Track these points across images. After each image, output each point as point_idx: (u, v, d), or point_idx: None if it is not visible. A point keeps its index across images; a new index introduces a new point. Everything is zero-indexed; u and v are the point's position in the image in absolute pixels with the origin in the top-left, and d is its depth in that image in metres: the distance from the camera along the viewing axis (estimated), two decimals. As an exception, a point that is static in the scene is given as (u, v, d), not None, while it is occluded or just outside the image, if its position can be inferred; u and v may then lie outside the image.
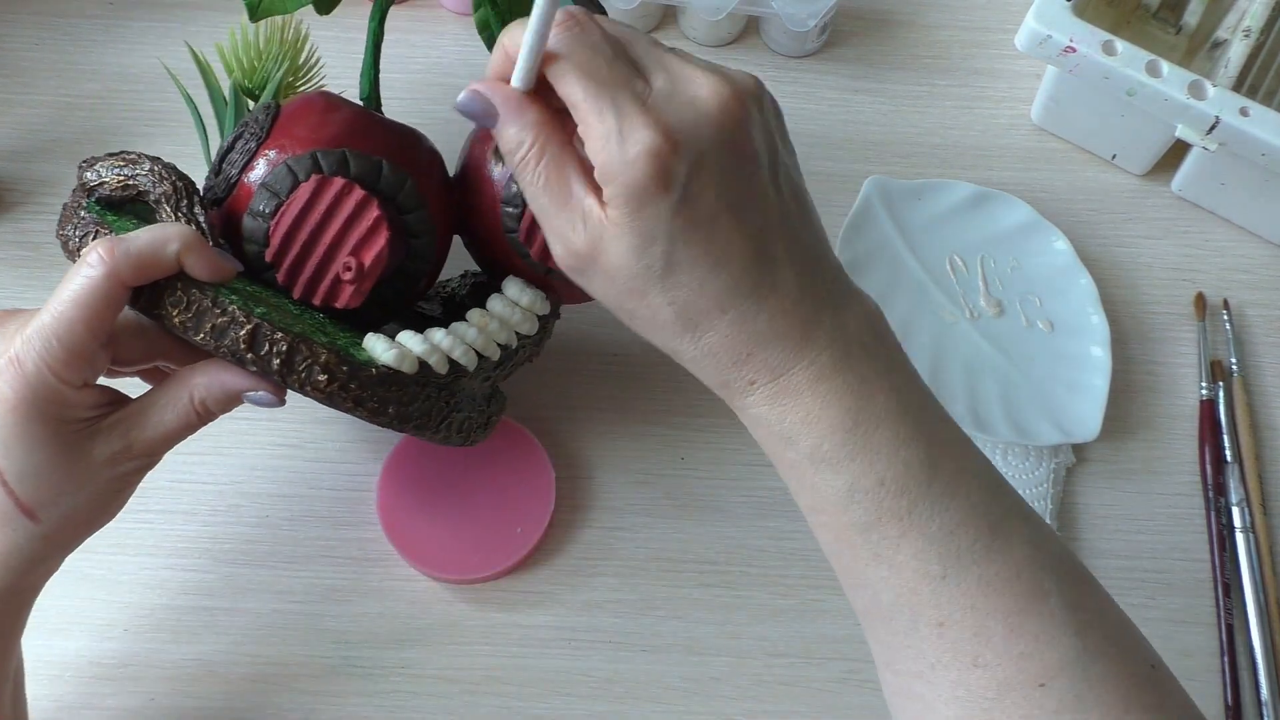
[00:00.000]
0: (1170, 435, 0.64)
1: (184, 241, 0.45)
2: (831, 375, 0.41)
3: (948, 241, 0.68)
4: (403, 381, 0.48)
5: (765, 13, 0.71)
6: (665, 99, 0.39)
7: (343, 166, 0.50)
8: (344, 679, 0.56)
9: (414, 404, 0.48)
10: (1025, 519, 0.42)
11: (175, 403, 0.45)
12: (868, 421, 0.40)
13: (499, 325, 0.52)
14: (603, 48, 0.40)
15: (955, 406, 0.62)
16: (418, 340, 0.49)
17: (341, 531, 0.59)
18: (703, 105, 0.39)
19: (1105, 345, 0.64)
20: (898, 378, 0.42)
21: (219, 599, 0.58)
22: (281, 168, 0.50)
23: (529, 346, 0.54)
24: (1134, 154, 0.70)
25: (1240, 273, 0.69)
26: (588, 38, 0.40)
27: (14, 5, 0.73)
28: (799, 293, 0.41)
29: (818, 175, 0.71)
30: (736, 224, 0.40)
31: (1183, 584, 0.61)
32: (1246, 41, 0.68)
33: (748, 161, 0.40)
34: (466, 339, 0.51)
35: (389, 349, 0.48)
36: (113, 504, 0.47)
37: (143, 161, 0.50)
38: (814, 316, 0.41)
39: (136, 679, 0.56)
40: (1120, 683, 0.39)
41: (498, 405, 0.56)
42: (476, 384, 0.52)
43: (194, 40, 0.72)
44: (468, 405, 0.52)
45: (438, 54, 0.73)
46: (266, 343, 0.45)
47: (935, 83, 0.74)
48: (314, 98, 0.53)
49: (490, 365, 0.52)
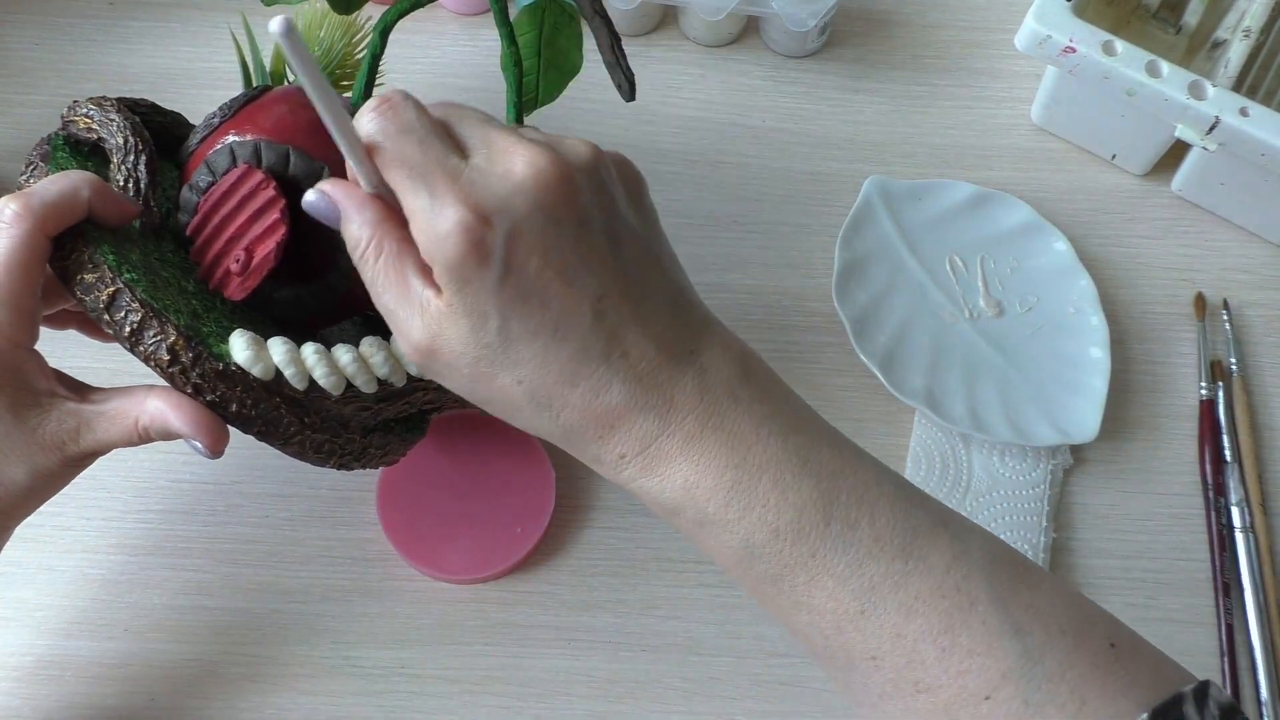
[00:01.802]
0: (1170, 435, 0.65)
1: (92, 187, 0.46)
2: (701, 436, 0.39)
3: (948, 242, 0.68)
4: (250, 384, 0.47)
5: (765, 13, 0.71)
6: (479, 174, 0.39)
7: (281, 162, 0.50)
8: (344, 679, 0.56)
9: (258, 409, 0.47)
10: (943, 526, 0.40)
11: (123, 419, 0.46)
12: (749, 475, 0.39)
13: (385, 359, 0.50)
14: (415, 128, 0.39)
15: (954, 406, 0.62)
16: (281, 349, 0.48)
17: (341, 531, 0.59)
18: (516, 177, 0.39)
19: (1104, 346, 0.64)
20: (774, 419, 0.40)
21: (219, 599, 0.58)
22: (225, 148, 0.50)
23: (431, 391, 0.52)
24: (1134, 154, 0.70)
25: (1240, 273, 0.69)
26: (399, 119, 0.39)
27: (14, 5, 0.73)
28: (654, 353, 0.40)
29: (818, 175, 0.71)
30: (568, 289, 0.39)
31: (1183, 584, 0.61)
32: (1246, 41, 0.68)
33: (573, 225, 0.39)
34: (339, 363, 0.49)
35: (246, 349, 0.47)
36: (44, 490, 0.47)
37: (109, 110, 0.52)
38: (672, 376, 0.40)
39: (136, 679, 0.56)
40: (1073, 674, 0.37)
41: (399, 439, 0.54)
42: (350, 411, 0.50)
43: (193, 40, 0.72)
44: (333, 429, 0.50)
45: (438, 54, 0.73)
46: (124, 309, 0.46)
47: (935, 83, 0.74)
48: (298, 93, 0.53)
49: (370, 397, 0.50)
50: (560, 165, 0.39)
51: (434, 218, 0.38)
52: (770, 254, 0.68)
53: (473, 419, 0.60)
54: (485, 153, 0.39)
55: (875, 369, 0.62)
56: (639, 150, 0.70)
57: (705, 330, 0.42)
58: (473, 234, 0.38)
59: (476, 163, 0.39)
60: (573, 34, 0.58)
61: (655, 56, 0.74)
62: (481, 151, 0.40)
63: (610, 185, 0.41)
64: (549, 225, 0.39)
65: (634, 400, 0.39)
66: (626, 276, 0.40)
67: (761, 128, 0.72)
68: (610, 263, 0.40)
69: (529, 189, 0.38)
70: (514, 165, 0.39)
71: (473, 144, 0.40)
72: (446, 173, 0.39)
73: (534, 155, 0.39)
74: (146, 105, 0.56)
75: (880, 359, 0.63)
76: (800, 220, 0.69)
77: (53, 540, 0.58)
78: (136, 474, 0.60)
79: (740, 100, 0.73)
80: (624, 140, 0.71)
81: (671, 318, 0.41)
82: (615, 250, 0.40)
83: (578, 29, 0.59)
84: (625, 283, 0.40)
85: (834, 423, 0.63)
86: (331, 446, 0.50)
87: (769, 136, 0.72)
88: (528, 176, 0.38)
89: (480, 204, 0.38)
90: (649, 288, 0.41)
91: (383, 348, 0.50)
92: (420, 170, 0.39)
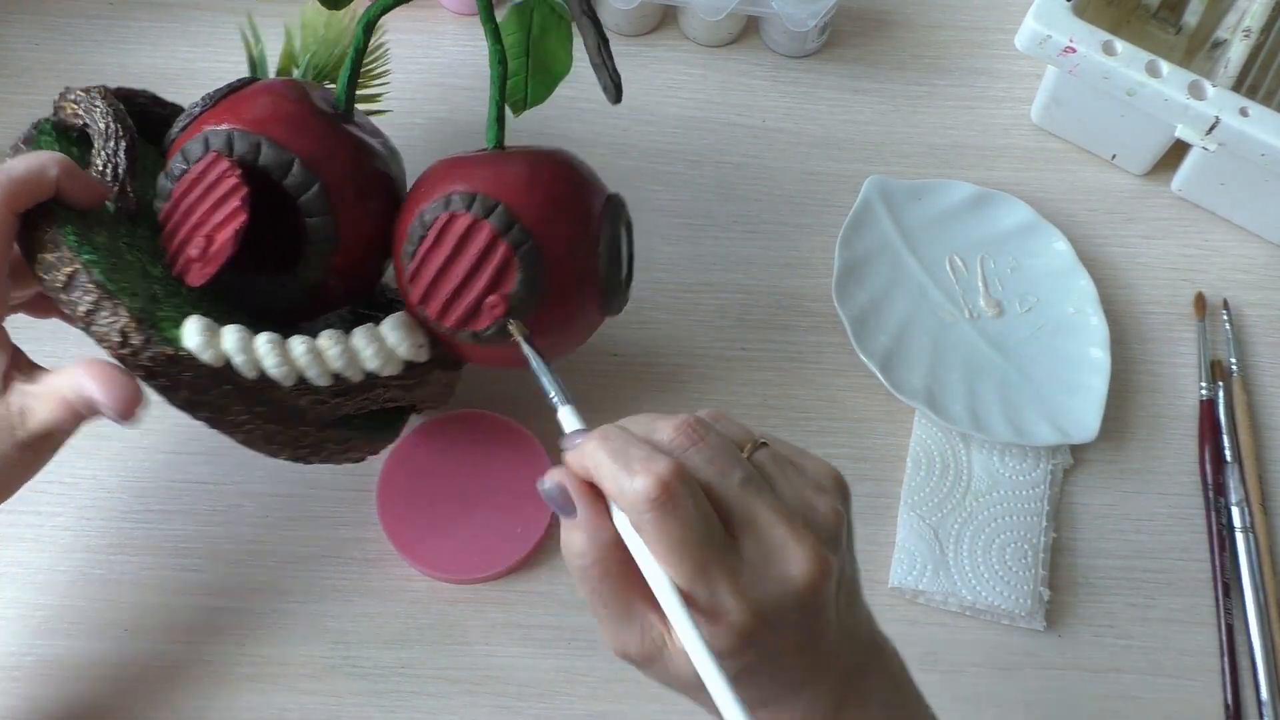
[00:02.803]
0: (1170, 435, 0.64)
1: (60, 166, 0.47)
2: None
3: (948, 242, 0.68)
4: (200, 370, 0.48)
5: (765, 13, 0.71)
6: (757, 576, 0.39)
7: (253, 151, 0.50)
8: (344, 679, 0.56)
9: (208, 395, 0.48)
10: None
11: (57, 396, 0.46)
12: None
13: (341, 353, 0.50)
14: (696, 524, 0.39)
15: (954, 406, 0.62)
16: (234, 337, 0.48)
17: (341, 531, 0.59)
18: (792, 584, 0.39)
19: (1104, 347, 0.64)
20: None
21: (219, 599, 0.58)
22: (200, 137, 0.51)
23: (394, 389, 0.53)
24: (1134, 154, 0.70)
25: (1240, 273, 0.69)
26: (680, 514, 0.39)
27: (14, 5, 0.73)
28: (839, 683, 0.42)
29: (818, 175, 0.71)
30: (798, 660, 0.41)
31: (1183, 584, 0.61)
32: (1246, 41, 0.67)
33: (821, 615, 0.41)
34: (291, 354, 0.49)
35: (197, 335, 0.48)
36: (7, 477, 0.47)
37: (95, 97, 0.53)
38: (844, 699, 0.42)
39: (136, 679, 0.56)
40: None
41: (364, 437, 0.55)
42: (305, 403, 0.51)
43: (193, 40, 0.72)
44: (286, 420, 0.50)
45: (438, 54, 0.73)
46: (80, 289, 0.47)
47: (935, 83, 0.74)
48: (281, 85, 0.53)
49: (326, 390, 0.51)
50: (825, 563, 0.40)
51: (713, 622, 0.39)
52: (770, 254, 0.68)
53: (472, 419, 0.60)
54: (755, 543, 0.40)
55: (875, 369, 0.62)
56: (639, 150, 0.71)
57: (871, 641, 0.44)
58: (747, 637, 0.39)
59: (751, 558, 0.40)
60: (562, 34, 0.58)
61: (655, 56, 0.74)
62: (750, 538, 0.40)
63: (845, 538, 0.43)
64: (808, 618, 0.40)
65: (813, 715, 0.42)
66: (840, 626, 0.42)
67: (761, 128, 0.72)
68: (833, 623, 0.41)
69: (800, 593, 0.39)
70: (789, 569, 0.39)
71: (741, 524, 0.40)
72: (726, 571, 0.39)
73: (804, 555, 0.40)
74: (146, 96, 0.57)
75: (880, 359, 0.63)
76: (800, 220, 0.69)
77: (53, 540, 0.58)
78: (136, 474, 0.60)
79: (740, 100, 0.73)
80: (624, 140, 0.71)
81: (853, 638, 0.43)
82: (836, 608, 0.42)
83: (567, 29, 0.58)
84: (839, 634, 0.42)
85: (834, 423, 0.64)
86: (285, 438, 0.50)
87: (769, 136, 0.72)
88: (800, 580, 0.39)
89: (759, 609, 0.39)
90: (850, 621, 0.43)
91: (340, 341, 0.50)
92: (699, 564, 0.39)
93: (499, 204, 0.50)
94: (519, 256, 0.50)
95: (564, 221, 0.51)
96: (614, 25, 0.74)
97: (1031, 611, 0.59)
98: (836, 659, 0.42)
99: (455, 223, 0.50)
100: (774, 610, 0.39)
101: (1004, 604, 0.59)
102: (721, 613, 0.39)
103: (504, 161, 0.52)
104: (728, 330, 0.66)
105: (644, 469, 0.39)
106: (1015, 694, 0.58)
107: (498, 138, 0.54)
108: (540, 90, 0.59)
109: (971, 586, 0.59)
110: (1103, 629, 0.60)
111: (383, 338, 0.52)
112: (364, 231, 0.53)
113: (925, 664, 0.58)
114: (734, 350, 0.65)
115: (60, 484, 0.59)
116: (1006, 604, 0.59)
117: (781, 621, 0.40)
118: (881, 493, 0.62)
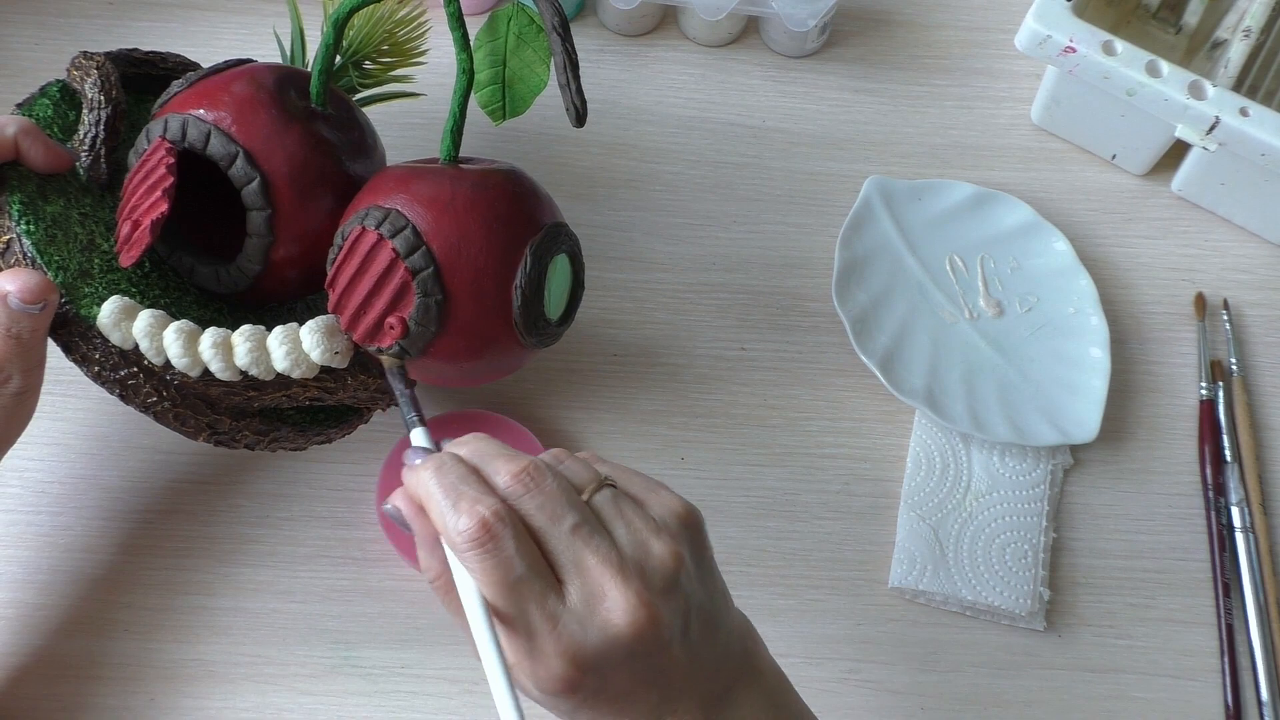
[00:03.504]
0: (1170, 435, 0.65)
1: (20, 126, 0.50)
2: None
3: (948, 242, 0.68)
4: (110, 350, 0.50)
5: (765, 13, 0.71)
6: (577, 623, 0.40)
7: (202, 140, 0.51)
8: (344, 679, 0.56)
9: (118, 375, 0.50)
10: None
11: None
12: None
13: (249, 351, 0.51)
14: (515, 565, 0.40)
15: (954, 406, 0.62)
16: (144, 322, 0.50)
17: (341, 531, 0.59)
18: (613, 630, 0.40)
19: (1104, 347, 0.64)
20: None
21: (219, 599, 0.58)
22: (161, 120, 0.52)
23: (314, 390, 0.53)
24: (1134, 154, 0.70)
25: (1240, 273, 0.69)
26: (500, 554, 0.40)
27: (14, 5, 0.73)
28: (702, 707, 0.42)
29: (818, 175, 0.71)
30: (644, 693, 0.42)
31: (1183, 584, 0.61)
32: (1246, 41, 0.68)
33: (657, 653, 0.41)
34: (199, 345, 0.50)
35: (108, 316, 0.50)
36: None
37: (90, 65, 0.55)
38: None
39: (136, 679, 0.56)
40: None
41: (295, 430, 0.55)
42: (217, 393, 0.51)
43: (193, 40, 0.72)
44: (196, 406, 0.51)
45: (438, 55, 0.73)
46: (12, 257, 0.50)
47: (935, 83, 0.74)
48: (257, 74, 0.53)
49: (238, 385, 0.51)
50: (652, 610, 0.40)
51: (534, 665, 0.40)
52: (770, 254, 0.68)
53: (472, 418, 0.60)
54: (580, 589, 0.40)
55: (875, 369, 0.62)
56: (639, 150, 0.71)
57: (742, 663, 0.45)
58: (570, 685, 0.40)
59: (573, 605, 0.40)
60: (540, 47, 0.55)
61: (655, 56, 0.74)
62: (575, 584, 0.40)
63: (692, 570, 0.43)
64: (637, 661, 0.41)
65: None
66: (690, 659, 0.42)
67: (761, 128, 0.72)
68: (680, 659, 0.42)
69: (625, 641, 0.40)
70: (611, 616, 0.40)
71: (566, 570, 0.41)
72: (545, 617, 0.40)
73: (629, 604, 0.40)
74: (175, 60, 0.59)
75: (880, 359, 0.63)
76: (800, 220, 0.69)
77: (53, 540, 0.58)
78: (137, 474, 0.60)
79: (740, 100, 0.73)
80: (624, 140, 0.71)
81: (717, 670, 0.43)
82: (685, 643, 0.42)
83: (545, 42, 0.55)
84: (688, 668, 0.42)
85: (834, 423, 0.64)
86: (196, 423, 0.52)
87: (769, 136, 0.72)
88: (624, 630, 0.40)
89: (579, 657, 0.40)
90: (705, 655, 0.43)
91: (252, 338, 0.51)
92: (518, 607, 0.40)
93: (409, 225, 0.49)
94: (417, 281, 0.49)
95: (476, 250, 0.49)
96: (614, 25, 0.74)
97: (1031, 611, 0.59)
98: (694, 684, 0.42)
99: (363, 239, 0.50)
100: (596, 658, 0.40)
101: (1004, 604, 0.59)
102: (540, 658, 0.40)
103: (432, 180, 0.51)
104: (728, 330, 0.66)
105: (469, 509, 0.40)
106: (1015, 694, 0.58)
107: (450, 151, 0.53)
108: (518, 102, 0.56)
109: (971, 587, 0.59)
110: (1103, 629, 0.60)
111: (299, 340, 0.51)
112: (308, 228, 0.53)
113: (925, 664, 0.58)
114: (734, 350, 0.65)
115: (60, 484, 0.59)
116: (1006, 604, 0.59)
117: (610, 666, 0.40)
118: (881, 493, 0.62)
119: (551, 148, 0.70)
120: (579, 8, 0.75)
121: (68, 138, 0.55)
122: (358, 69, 0.62)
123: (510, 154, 0.69)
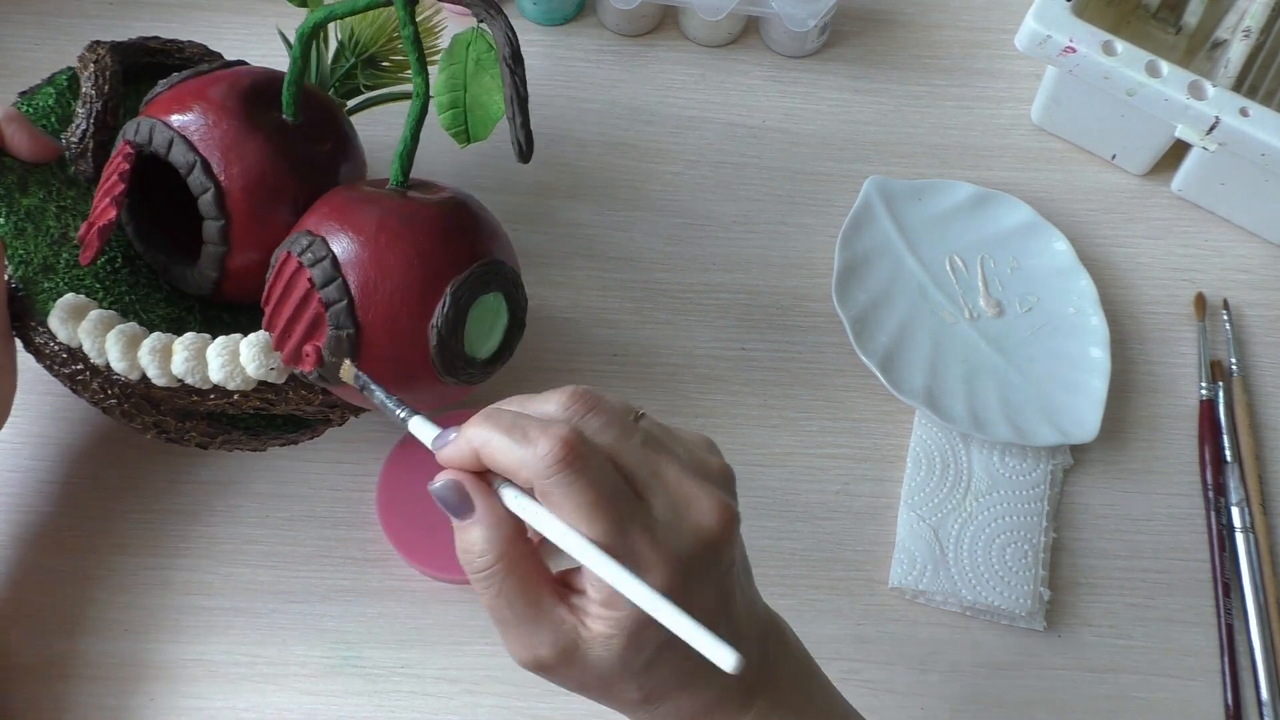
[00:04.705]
0: (1170, 435, 0.65)
1: (4, 114, 0.51)
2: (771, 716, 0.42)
3: (948, 242, 0.68)
4: (57, 346, 0.51)
5: (765, 13, 0.71)
6: (671, 531, 0.39)
7: (165, 146, 0.52)
8: (344, 679, 0.56)
9: (66, 369, 0.51)
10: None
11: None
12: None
13: (186, 359, 0.51)
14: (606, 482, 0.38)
15: (954, 406, 0.62)
16: (91, 321, 0.51)
17: (341, 531, 0.59)
18: (706, 533, 0.40)
19: (1104, 347, 0.64)
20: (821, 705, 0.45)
21: (219, 599, 0.58)
22: (134, 122, 0.53)
23: (255, 400, 0.53)
24: (1134, 154, 0.70)
25: (1240, 273, 0.69)
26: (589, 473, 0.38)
27: (14, 5, 0.73)
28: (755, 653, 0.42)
29: (818, 175, 0.71)
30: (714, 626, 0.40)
31: (1183, 584, 0.61)
32: (1246, 41, 0.68)
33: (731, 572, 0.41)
34: (139, 350, 0.51)
35: (56, 314, 0.51)
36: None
37: (90, 59, 0.56)
38: (756, 680, 0.42)
39: (136, 679, 0.56)
40: None
41: (245, 433, 0.55)
42: (159, 394, 0.52)
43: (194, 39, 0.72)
44: (141, 405, 0.52)
45: (438, 54, 0.73)
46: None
47: (935, 83, 0.74)
48: (234, 80, 0.53)
49: (179, 389, 0.52)
50: (731, 511, 0.40)
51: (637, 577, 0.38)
52: (770, 254, 0.68)
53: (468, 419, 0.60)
54: (664, 499, 0.40)
55: (875, 369, 0.62)
56: (639, 150, 0.71)
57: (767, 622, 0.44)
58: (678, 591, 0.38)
59: (661, 514, 0.39)
60: (498, 74, 0.52)
61: (655, 56, 0.74)
62: (660, 496, 0.40)
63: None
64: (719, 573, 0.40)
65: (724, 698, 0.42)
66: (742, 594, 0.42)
67: (761, 128, 0.72)
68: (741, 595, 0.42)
69: (715, 542, 0.40)
70: (702, 519, 0.40)
71: (647, 483, 0.40)
72: (642, 527, 0.39)
73: (716, 507, 0.40)
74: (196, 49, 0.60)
75: (880, 359, 0.63)
76: (800, 220, 0.69)
77: (53, 540, 0.58)
78: (136, 474, 0.60)
79: (740, 100, 0.73)
80: (624, 140, 0.71)
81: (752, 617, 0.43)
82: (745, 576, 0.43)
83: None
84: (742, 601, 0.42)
85: (834, 423, 0.64)
86: (144, 421, 0.53)
87: (769, 136, 0.72)
88: (715, 529, 0.40)
89: (679, 562, 0.39)
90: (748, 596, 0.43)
91: (190, 347, 0.51)
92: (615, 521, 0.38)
93: (329, 255, 0.49)
94: (330, 314, 0.49)
95: (393, 286, 0.49)
96: (614, 25, 0.74)
97: (1031, 611, 0.59)
98: (746, 628, 0.42)
99: (287, 264, 0.50)
100: (691, 561, 0.39)
101: (1004, 604, 0.59)
102: (643, 569, 0.38)
103: (365, 209, 0.50)
104: (728, 330, 0.66)
105: (543, 435, 0.38)
106: (1015, 694, 0.58)
107: (399, 175, 0.52)
108: (478, 128, 0.54)
109: (971, 586, 0.59)
110: (1103, 629, 0.60)
111: (237, 353, 0.51)
112: (265, 238, 0.53)
113: (925, 664, 0.58)
114: (734, 350, 0.65)
115: (60, 484, 0.59)
116: (1006, 604, 0.59)
117: (698, 577, 0.39)
118: (881, 493, 0.62)
119: (551, 148, 0.70)
120: (579, 8, 0.75)
121: (66, 127, 0.56)
122: (373, 66, 0.62)
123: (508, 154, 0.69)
